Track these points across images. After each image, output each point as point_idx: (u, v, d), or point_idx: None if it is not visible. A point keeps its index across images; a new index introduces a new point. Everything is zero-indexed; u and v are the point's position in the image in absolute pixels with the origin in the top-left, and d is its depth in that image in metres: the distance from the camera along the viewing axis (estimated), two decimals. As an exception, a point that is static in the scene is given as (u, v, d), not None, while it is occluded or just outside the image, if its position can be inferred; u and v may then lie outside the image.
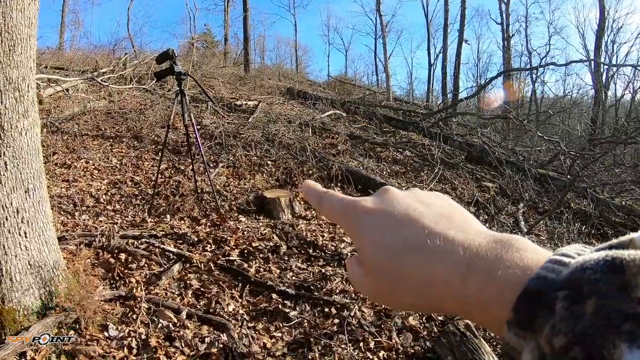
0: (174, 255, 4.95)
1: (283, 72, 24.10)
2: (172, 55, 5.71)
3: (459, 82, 21.26)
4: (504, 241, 0.42)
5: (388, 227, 0.48)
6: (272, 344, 3.91)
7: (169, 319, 3.93)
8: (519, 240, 0.42)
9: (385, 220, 0.49)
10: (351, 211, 0.53)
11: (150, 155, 8.32)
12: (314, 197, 0.62)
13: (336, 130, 10.44)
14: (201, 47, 27.26)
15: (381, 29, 30.83)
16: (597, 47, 21.40)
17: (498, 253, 0.41)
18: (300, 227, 6.07)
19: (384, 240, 0.48)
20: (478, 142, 11.30)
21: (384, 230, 0.48)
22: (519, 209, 7.89)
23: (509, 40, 27.14)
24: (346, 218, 0.54)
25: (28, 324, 3.38)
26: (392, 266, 0.47)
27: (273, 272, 4.94)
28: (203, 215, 6.15)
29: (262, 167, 8.08)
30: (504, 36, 27.34)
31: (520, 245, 0.41)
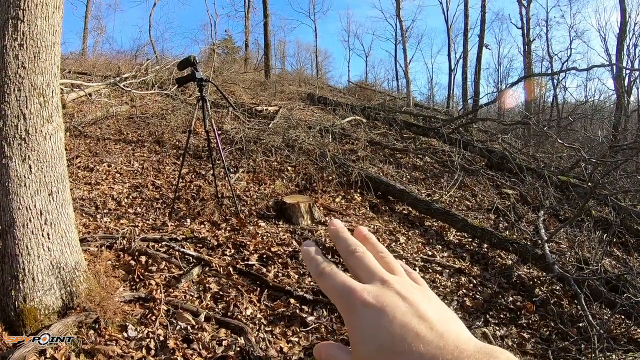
0: (194, 258, 4.98)
1: (303, 78, 24.10)
2: (194, 61, 5.77)
3: (480, 87, 21.00)
4: (488, 352, 0.43)
5: (383, 329, 0.47)
6: (288, 349, 3.92)
7: (188, 321, 3.97)
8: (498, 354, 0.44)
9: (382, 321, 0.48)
10: (350, 297, 0.51)
11: (171, 160, 8.39)
12: (314, 266, 0.59)
13: (356, 136, 10.43)
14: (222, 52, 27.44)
15: (401, 34, 30.73)
16: (619, 51, 21.04)
17: None
18: (319, 233, 6.08)
19: (375, 341, 0.47)
20: (498, 148, 11.23)
21: (380, 329, 0.47)
22: (539, 216, 7.80)
23: (529, 44, 26.90)
24: (344, 303, 0.52)
25: (49, 322, 3.44)
26: None
27: (291, 277, 4.96)
28: (223, 219, 6.19)
29: (282, 172, 8.11)
30: (525, 40, 27.09)
31: None
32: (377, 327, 0.47)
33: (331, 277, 0.55)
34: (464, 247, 6.76)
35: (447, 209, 7.40)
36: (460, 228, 7.04)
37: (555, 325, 5.16)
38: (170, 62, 14.53)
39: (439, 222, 7.29)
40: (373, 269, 0.56)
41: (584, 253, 6.81)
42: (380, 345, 0.46)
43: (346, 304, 0.51)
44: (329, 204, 7.24)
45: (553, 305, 5.48)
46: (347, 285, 0.53)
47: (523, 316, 5.32)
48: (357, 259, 0.58)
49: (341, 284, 0.53)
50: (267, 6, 21.21)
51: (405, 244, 6.37)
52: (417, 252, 6.15)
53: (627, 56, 24.98)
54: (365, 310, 0.49)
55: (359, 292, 0.51)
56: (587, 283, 5.49)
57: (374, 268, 0.56)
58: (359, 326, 0.49)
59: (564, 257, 6.81)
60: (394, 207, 7.62)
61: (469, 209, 8.26)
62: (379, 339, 0.46)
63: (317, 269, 0.58)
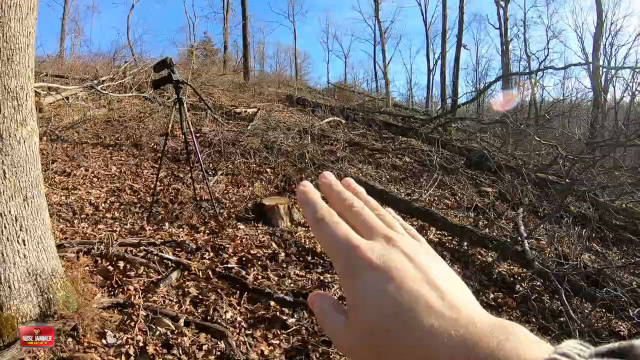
0: (173, 262, 4.95)
1: (282, 79, 24.16)
2: (170, 63, 5.73)
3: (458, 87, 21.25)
4: (504, 327, 0.39)
5: (389, 295, 0.43)
6: (269, 352, 3.91)
7: (167, 327, 3.94)
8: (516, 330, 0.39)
9: (388, 287, 0.43)
10: (352, 256, 0.46)
11: (149, 163, 8.34)
12: (311, 211, 0.53)
13: (335, 137, 10.47)
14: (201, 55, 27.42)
15: (380, 36, 31.10)
16: (595, 50, 21.47)
17: (500, 342, 0.37)
18: (299, 235, 6.08)
19: (379, 309, 0.43)
20: (477, 147, 11.36)
21: (385, 295, 0.43)
22: (518, 213, 7.89)
23: (507, 44, 27.21)
24: (343, 260, 0.47)
25: (26, 331, 3.39)
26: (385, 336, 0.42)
27: (271, 280, 4.95)
28: (202, 223, 6.16)
29: (261, 174, 8.10)
30: (502, 41, 27.42)
31: (520, 336, 0.38)
32: (383, 292, 0.43)
33: (331, 227, 0.50)
34: (444, 245, 6.81)
35: (427, 208, 7.45)
36: (440, 227, 7.09)
37: (536, 321, 5.22)
38: (149, 64, 14.45)
39: (419, 221, 7.33)
40: (374, 224, 0.52)
41: (564, 249, 6.91)
42: (384, 313, 0.42)
43: (346, 263, 0.47)
44: (308, 205, 7.18)
45: (534, 301, 5.54)
46: (350, 240, 0.48)
47: (504, 312, 5.37)
48: (355, 213, 0.53)
49: (343, 237, 0.49)
50: (246, 8, 21.25)
51: (385, 244, 6.37)
52: (397, 253, 6.16)
53: (603, 55, 25.51)
54: (369, 273, 0.45)
55: (363, 250, 0.47)
56: (567, 278, 5.57)
57: (375, 224, 0.52)
58: (361, 290, 0.45)
59: (543, 253, 6.89)
60: (374, 207, 7.57)
61: (449, 207, 8.31)
62: (384, 307, 0.42)
63: (315, 214, 0.52)
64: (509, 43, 27.59)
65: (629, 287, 5.65)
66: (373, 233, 0.50)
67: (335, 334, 0.48)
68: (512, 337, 0.37)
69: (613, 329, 5.32)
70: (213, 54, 31.45)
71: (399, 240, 0.48)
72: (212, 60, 26.11)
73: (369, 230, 0.50)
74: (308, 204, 0.54)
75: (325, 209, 0.52)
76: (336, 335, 0.48)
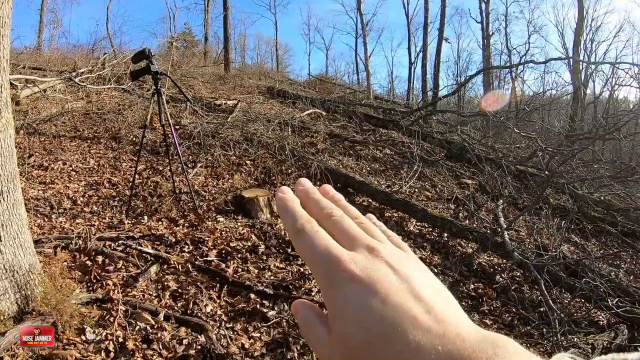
0: (152, 256, 4.93)
1: (263, 72, 23.99)
2: (149, 54, 5.67)
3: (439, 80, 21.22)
4: (493, 341, 0.38)
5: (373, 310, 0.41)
6: (250, 345, 3.91)
7: (147, 321, 3.92)
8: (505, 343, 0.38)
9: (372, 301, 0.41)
10: (333, 268, 0.44)
11: (128, 156, 8.26)
12: (290, 220, 0.51)
13: (315, 129, 10.45)
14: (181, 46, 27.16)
15: (362, 28, 31.04)
16: (576, 45, 21.60)
17: (489, 357, 0.36)
18: (279, 227, 6.07)
19: (362, 324, 0.40)
20: (458, 139, 11.41)
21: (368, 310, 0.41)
22: (498, 205, 7.94)
23: (488, 38, 27.34)
24: (324, 272, 0.45)
25: (4, 329, 3.35)
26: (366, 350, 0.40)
27: (251, 272, 4.94)
28: (181, 216, 6.13)
29: (241, 166, 8.07)
30: (484, 35, 27.51)
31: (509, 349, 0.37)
32: (366, 307, 0.41)
33: (311, 238, 0.48)
34: (425, 236, 6.84)
35: (407, 200, 7.46)
36: (421, 218, 7.12)
37: (516, 311, 5.28)
38: (128, 56, 14.23)
39: (399, 213, 7.35)
40: (355, 234, 0.49)
41: (543, 240, 6.98)
42: (368, 328, 0.40)
43: (327, 275, 0.45)
44: (288, 197, 7.17)
45: (514, 291, 5.60)
46: (331, 251, 0.46)
47: (485, 303, 5.43)
48: (335, 222, 0.51)
49: (324, 249, 0.46)
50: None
51: (365, 235, 6.39)
52: (377, 244, 6.18)
53: (583, 50, 25.73)
54: (351, 286, 0.43)
55: (345, 262, 0.44)
56: (546, 269, 5.64)
57: (356, 233, 0.49)
58: (341, 302, 0.43)
59: (523, 244, 6.96)
60: (354, 199, 7.65)
61: (429, 199, 8.34)
62: (367, 322, 0.40)
63: (295, 224, 0.50)
64: (491, 37, 27.74)
65: (607, 278, 5.75)
66: (355, 243, 0.48)
67: (317, 345, 0.46)
68: (500, 352, 0.37)
69: (592, 319, 5.40)
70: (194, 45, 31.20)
71: (382, 250, 0.46)
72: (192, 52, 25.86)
73: (350, 240, 0.48)
74: (287, 213, 0.52)
75: (304, 218, 0.50)
76: (318, 346, 0.46)
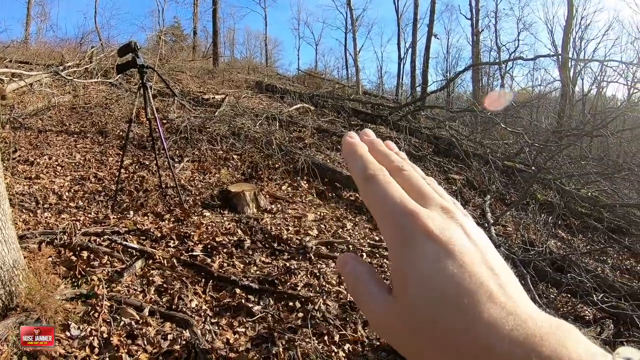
0: (137, 251, 4.91)
1: (252, 66, 23.98)
2: (135, 47, 5.63)
3: (428, 76, 21.30)
4: (563, 325, 0.36)
5: (449, 274, 0.38)
6: (235, 340, 3.91)
7: (131, 317, 3.91)
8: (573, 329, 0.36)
9: (448, 264, 0.39)
10: (408, 222, 0.42)
11: (114, 151, 8.22)
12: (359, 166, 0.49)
13: (303, 124, 10.45)
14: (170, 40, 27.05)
15: (351, 23, 31.11)
16: (565, 43, 21.77)
17: (560, 340, 0.34)
18: (265, 221, 6.07)
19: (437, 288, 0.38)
20: (446, 135, 11.47)
21: (444, 274, 0.39)
22: (485, 200, 8.01)
23: (478, 35, 27.37)
24: (396, 225, 0.42)
25: (-12, 325, 3.35)
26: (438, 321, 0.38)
27: (237, 267, 4.94)
28: (167, 210, 6.11)
29: (228, 161, 8.06)
30: (473, 31, 27.55)
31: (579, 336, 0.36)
32: (442, 270, 0.39)
33: (384, 187, 0.45)
34: (411, 232, 6.85)
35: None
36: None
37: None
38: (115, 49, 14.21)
39: (387, 208, 7.34)
40: (428, 192, 0.47)
41: (530, 235, 7.03)
42: (442, 293, 0.38)
43: (400, 228, 0.42)
44: (275, 191, 7.22)
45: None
46: (406, 204, 0.43)
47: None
48: (407, 177, 0.48)
49: (398, 200, 0.43)
50: (216, -8, 20.98)
51: (352, 229, 6.41)
52: (364, 238, 6.19)
53: (572, 48, 25.93)
54: (427, 244, 0.40)
55: (423, 217, 0.42)
56: (533, 264, 5.68)
57: (429, 191, 0.47)
58: (416, 261, 0.40)
59: (510, 239, 7.00)
60: (341, 193, 7.67)
61: (417, 194, 8.37)
62: (442, 286, 0.38)
63: (366, 170, 0.47)
64: (480, 34, 27.78)
65: (593, 273, 5.81)
66: (428, 201, 0.45)
67: (372, 310, 0.44)
68: (572, 336, 0.35)
69: (578, 314, 5.45)
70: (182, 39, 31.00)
71: (456, 212, 0.44)
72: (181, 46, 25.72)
73: (422, 197, 0.45)
74: (355, 158, 0.50)
75: (377, 166, 0.48)
76: (373, 311, 0.43)
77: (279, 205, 6.75)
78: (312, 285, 4.78)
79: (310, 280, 4.88)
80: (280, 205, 6.79)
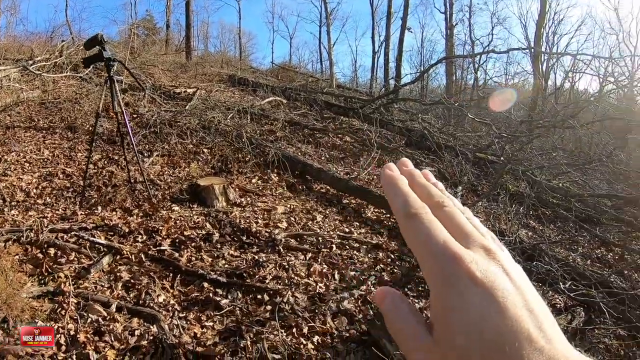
0: (104, 247, 4.89)
1: (226, 60, 23.74)
2: (101, 40, 5.56)
3: (401, 69, 21.41)
4: None
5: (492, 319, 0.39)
6: (202, 334, 3.93)
7: (99, 313, 3.91)
8: None
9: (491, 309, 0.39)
10: (452, 265, 0.42)
11: (84, 146, 8.13)
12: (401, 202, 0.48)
13: (275, 117, 10.44)
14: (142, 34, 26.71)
15: (326, 17, 30.87)
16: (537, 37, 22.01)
17: None
18: (234, 215, 6.07)
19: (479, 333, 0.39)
20: (418, 127, 11.55)
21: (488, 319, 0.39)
22: (457, 192, 8.07)
23: (452, 29, 27.41)
24: (439, 267, 0.43)
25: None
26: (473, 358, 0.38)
27: (205, 261, 4.95)
28: (135, 205, 6.07)
29: (198, 154, 8.02)
30: (447, 25, 27.61)
31: None
32: (486, 314, 0.39)
33: (427, 227, 0.45)
34: (382, 223, 6.90)
35: (365, 187, 7.54)
36: (378, 204, 7.19)
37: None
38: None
39: (357, 200, 7.42)
40: (470, 231, 0.47)
41: (501, 225, 7.12)
42: (484, 339, 0.38)
43: (443, 271, 0.42)
44: (245, 185, 7.23)
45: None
46: (450, 246, 0.43)
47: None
48: (448, 214, 0.48)
49: (442, 242, 0.43)
50: (189, -15, 20.80)
51: (322, 222, 6.45)
52: (334, 230, 6.23)
53: (545, 43, 26.25)
54: (471, 289, 0.40)
55: (466, 261, 0.42)
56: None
57: (470, 230, 0.47)
58: (460, 307, 0.40)
59: (480, 229, 7.08)
60: (312, 186, 7.71)
61: (388, 186, 8.41)
62: (485, 331, 0.38)
63: (408, 207, 0.47)
64: (454, 28, 27.82)
65: (563, 262, 5.94)
66: (470, 240, 0.45)
67: (412, 350, 0.44)
68: None
69: (550, 302, 5.55)
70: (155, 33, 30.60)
71: (497, 252, 0.45)
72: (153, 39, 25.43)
73: (464, 236, 0.46)
74: (396, 193, 0.49)
75: (419, 204, 0.47)
76: (414, 348, 0.44)
77: (249, 199, 6.76)
78: (281, 277, 4.80)
79: (279, 272, 4.90)
80: (250, 198, 6.80)
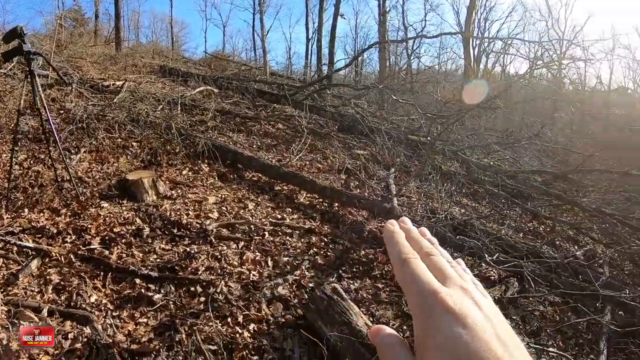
0: (32, 250, 4.79)
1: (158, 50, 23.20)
2: (21, 33, 5.37)
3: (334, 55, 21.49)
4: None
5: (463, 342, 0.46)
6: (136, 331, 3.95)
7: (30, 319, 3.86)
8: None
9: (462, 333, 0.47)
10: (431, 298, 0.51)
11: (8, 147, 7.86)
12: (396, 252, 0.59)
13: (205, 107, 10.38)
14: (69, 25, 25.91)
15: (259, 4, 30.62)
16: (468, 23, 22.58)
17: None
18: (164, 208, 6.05)
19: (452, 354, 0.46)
20: (351, 112, 11.71)
21: (459, 341, 0.46)
22: (389, 174, 8.27)
23: (385, 15, 27.57)
24: (421, 300, 0.51)
25: None
26: None
27: (136, 257, 4.94)
28: (63, 205, 5.91)
29: (127, 149, 7.84)
30: (380, 11, 27.77)
31: None
32: (456, 339, 0.46)
33: (415, 270, 0.55)
34: (315, 207, 7.02)
35: (297, 173, 7.62)
36: (310, 190, 7.30)
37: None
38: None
39: (290, 186, 7.51)
40: (450, 273, 0.56)
41: (433, 204, 7.33)
42: (455, 356, 0.45)
43: (423, 304, 0.51)
44: (175, 177, 7.19)
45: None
46: (430, 283, 0.52)
47: (376, 267, 5.66)
48: (433, 261, 0.58)
49: (425, 280, 0.53)
50: (118, -26, 20.24)
51: (254, 209, 6.50)
52: (266, 217, 6.31)
53: (477, 28, 26.95)
54: (445, 316, 0.48)
55: (442, 294, 0.50)
56: (434, 230, 5.92)
57: (451, 273, 0.56)
58: (435, 332, 0.48)
59: (413, 208, 7.26)
60: (243, 174, 7.75)
61: (320, 171, 8.54)
62: (456, 353, 0.45)
63: (401, 255, 0.57)
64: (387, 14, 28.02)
65: (495, 235, 6.28)
66: (449, 281, 0.54)
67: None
68: None
69: (484, 275, 5.82)
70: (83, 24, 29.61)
71: (472, 291, 0.53)
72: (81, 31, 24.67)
73: (445, 278, 0.55)
74: (394, 245, 0.60)
75: (410, 251, 0.58)
76: None
77: (179, 191, 6.73)
78: (214, 268, 4.86)
79: (212, 263, 4.95)
80: (180, 190, 6.77)
